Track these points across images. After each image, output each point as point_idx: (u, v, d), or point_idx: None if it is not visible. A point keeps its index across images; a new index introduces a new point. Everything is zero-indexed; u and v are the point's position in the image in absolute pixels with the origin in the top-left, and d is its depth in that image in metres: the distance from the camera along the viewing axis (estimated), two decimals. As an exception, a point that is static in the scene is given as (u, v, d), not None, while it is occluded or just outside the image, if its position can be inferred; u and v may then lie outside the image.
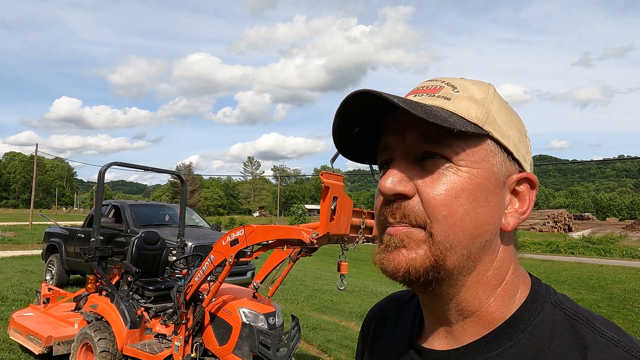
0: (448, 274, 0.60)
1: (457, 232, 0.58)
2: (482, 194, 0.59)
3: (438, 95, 0.63)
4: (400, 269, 0.59)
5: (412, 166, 0.61)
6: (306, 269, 15.01)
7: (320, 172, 3.07)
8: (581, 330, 0.57)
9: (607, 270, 16.90)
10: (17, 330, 5.59)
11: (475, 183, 0.59)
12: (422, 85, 0.67)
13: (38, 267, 12.17)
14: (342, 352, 6.17)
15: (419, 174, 0.60)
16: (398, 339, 0.75)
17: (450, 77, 0.67)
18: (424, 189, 0.59)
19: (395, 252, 0.60)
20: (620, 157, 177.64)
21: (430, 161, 0.60)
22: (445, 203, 0.58)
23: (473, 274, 0.61)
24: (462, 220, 0.58)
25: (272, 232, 3.52)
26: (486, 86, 0.66)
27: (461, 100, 0.62)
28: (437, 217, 0.58)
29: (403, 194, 0.60)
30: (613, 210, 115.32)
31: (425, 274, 0.59)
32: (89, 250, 4.96)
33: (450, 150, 0.59)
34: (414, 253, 0.59)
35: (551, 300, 0.62)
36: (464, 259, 0.59)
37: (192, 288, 4.03)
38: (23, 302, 7.92)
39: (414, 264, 0.59)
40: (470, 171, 0.59)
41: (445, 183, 0.59)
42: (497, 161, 0.61)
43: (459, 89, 0.63)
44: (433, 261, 0.58)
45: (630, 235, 32.78)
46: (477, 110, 0.61)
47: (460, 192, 0.58)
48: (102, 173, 5.20)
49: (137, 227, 8.61)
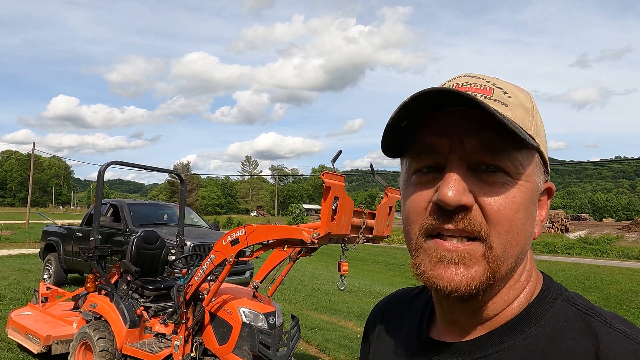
0: (495, 285, 0.60)
1: (513, 245, 0.59)
2: (531, 207, 0.61)
3: (494, 98, 0.60)
4: (460, 288, 0.58)
5: (469, 175, 0.59)
6: (304, 268, 15.00)
7: (320, 171, 3.07)
8: (593, 324, 0.58)
9: (603, 271, 16.98)
10: (15, 329, 5.57)
11: (528, 197, 0.60)
12: (467, 82, 0.63)
13: (35, 266, 12.12)
14: (341, 352, 6.17)
15: (477, 185, 0.58)
16: (405, 334, 0.76)
17: (490, 76, 0.64)
18: (485, 202, 0.58)
19: (452, 269, 0.58)
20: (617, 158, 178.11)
21: (491, 175, 0.58)
22: (508, 218, 0.58)
23: (510, 280, 0.63)
24: (519, 234, 0.59)
25: (273, 232, 3.52)
26: (528, 93, 0.64)
27: (517, 108, 0.60)
28: (499, 230, 0.58)
29: (465, 206, 0.58)
30: (609, 211, 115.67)
31: (480, 289, 0.59)
32: (88, 249, 4.95)
33: (510, 164, 0.58)
34: (472, 271, 0.58)
35: (563, 296, 0.63)
36: (510, 269, 0.61)
37: (192, 287, 4.03)
38: (21, 301, 7.89)
39: (474, 281, 0.58)
40: (524, 185, 0.59)
41: (507, 197, 0.58)
42: (539, 173, 0.62)
43: (509, 93, 0.61)
44: (490, 276, 0.58)
45: (626, 235, 32.93)
46: (529, 121, 0.61)
47: (519, 206, 0.58)
48: (102, 172, 5.19)
49: (136, 226, 8.59)
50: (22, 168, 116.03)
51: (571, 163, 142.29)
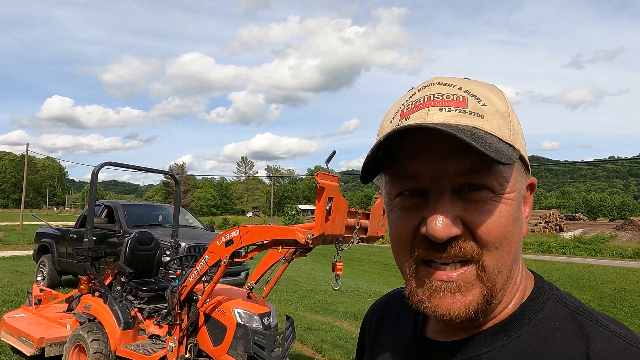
0: (495, 297, 0.60)
1: (505, 257, 0.59)
2: (518, 215, 0.60)
3: (469, 111, 0.57)
4: (460, 316, 0.58)
5: (454, 200, 0.58)
6: (300, 269, 15.00)
7: (315, 172, 3.08)
8: (584, 323, 0.59)
9: (597, 270, 17.08)
10: (8, 332, 5.53)
11: (514, 207, 0.59)
12: (439, 93, 0.59)
13: (29, 268, 12.04)
14: (336, 352, 6.17)
15: (464, 208, 0.58)
16: (401, 333, 0.77)
17: (458, 79, 0.62)
18: (474, 224, 0.57)
19: (449, 298, 0.58)
20: (610, 158, 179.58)
21: (474, 194, 0.57)
22: (498, 235, 0.58)
23: (509, 287, 0.63)
24: (510, 246, 0.59)
25: (267, 233, 3.52)
26: (501, 93, 0.62)
27: (493, 117, 0.58)
28: (490, 249, 0.58)
29: (456, 236, 0.57)
30: (603, 211, 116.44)
31: (480, 310, 0.59)
32: (81, 250, 4.92)
33: (494, 181, 0.57)
34: (470, 295, 0.58)
35: (555, 296, 0.64)
36: (507, 278, 0.61)
37: (186, 288, 4.02)
38: (14, 303, 7.83)
39: (472, 306, 0.58)
40: (510, 196, 0.59)
41: (494, 214, 0.57)
42: (521, 177, 0.62)
43: (483, 100, 0.59)
44: (487, 294, 0.59)
45: (620, 235, 33.14)
46: (507, 128, 0.59)
47: (507, 219, 0.58)
48: (96, 173, 5.17)
49: (130, 228, 8.55)
50: (16, 169, 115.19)
51: (565, 163, 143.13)
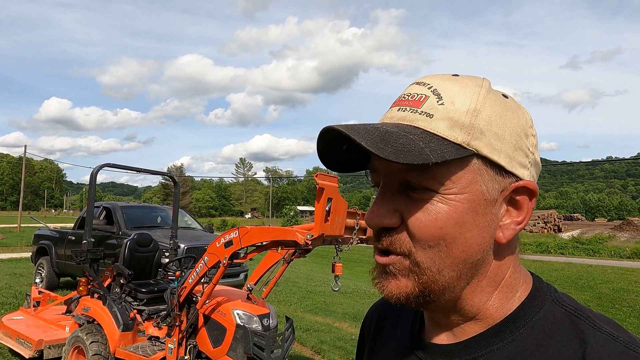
0: (440, 293, 0.61)
1: (443, 258, 0.58)
2: (470, 218, 0.58)
3: (421, 111, 0.59)
4: (392, 296, 0.61)
5: (397, 195, 0.60)
6: (299, 270, 14.99)
7: (315, 173, 3.08)
8: (581, 326, 0.58)
9: (596, 270, 17.11)
10: (6, 334, 5.52)
11: (462, 209, 0.58)
12: (408, 93, 0.63)
13: (27, 270, 12.01)
14: (336, 353, 6.17)
15: (405, 203, 0.60)
16: (399, 334, 0.77)
17: (441, 77, 0.62)
18: (409, 220, 0.59)
19: (386, 280, 0.62)
20: (608, 158, 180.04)
21: (416, 192, 0.59)
22: (431, 234, 0.58)
23: (467, 287, 0.62)
24: (449, 247, 0.58)
25: (267, 234, 3.53)
26: (477, 89, 0.60)
27: (443, 117, 0.58)
28: (423, 246, 0.58)
29: (389, 226, 0.60)
30: (602, 211, 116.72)
31: (416, 298, 0.61)
32: (80, 252, 4.91)
33: (434, 181, 0.57)
34: (402, 281, 0.60)
35: (552, 298, 0.63)
36: (455, 279, 0.60)
37: (185, 290, 4.02)
38: (12, 305, 7.81)
39: (405, 291, 0.60)
40: (457, 197, 0.58)
41: (431, 214, 0.58)
42: (486, 179, 0.59)
43: (444, 99, 0.59)
44: (422, 287, 0.60)
45: (618, 235, 33.23)
46: (461, 127, 0.57)
47: (446, 221, 0.57)
48: (94, 175, 5.16)
49: (129, 229, 8.54)
50: (14, 171, 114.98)
51: (563, 163, 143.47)
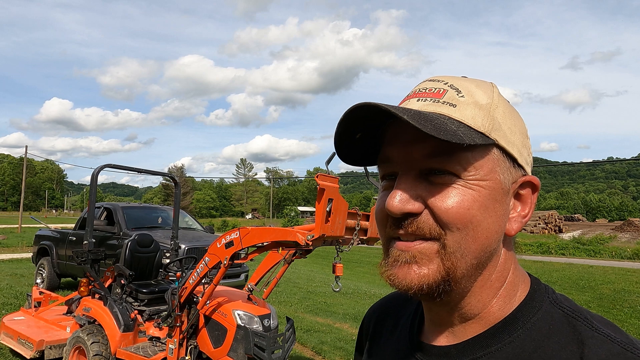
0: (457, 283, 0.60)
1: (469, 242, 0.59)
2: (491, 205, 0.60)
3: (443, 101, 0.61)
4: (413, 286, 0.59)
5: (418, 181, 0.60)
6: (299, 271, 14.99)
7: (315, 174, 3.08)
8: (578, 327, 0.59)
9: (597, 271, 17.08)
10: (7, 335, 5.52)
11: (484, 195, 0.59)
12: (424, 87, 0.64)
13: (28, 271, 12.02)
14: (337, 354, 6.17)
15: (427, 189, 0.60)
16: (398, 336, 0.77)
17: (452, 77, 0.65)
18: (434, 204, 0.59)
19: (405, 268, 0.60)
20: (609, 159, 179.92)
21: (439, 177, 0.60)
22: (459, 215, 0.58)
23: (479, 279, 0.63)
24: (475, 231, 0.59)
25: (268, 234, 3.53)
26: (490, 88, 0.64)
27: (467, 107, 0.61)
28: (451, 229, 0.58)
29: (412, 212, 0.59)
30: (602, 212, 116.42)
31: (437, 287, 0.60)
32: (81, 253, 4.92)
33: (459, 166, 0.59)
34: (425, 269, 0.59)
35: (550, 299, 0.64)
36: (473, 267, 0.61)
37: (186, 290, 4.02)
38: (13, 306, 7.82)
39: (427, 279, 0.59)
40: (480, 183, 0.59)
41: (456, 196, 0.59)
42: (503, 169, 0.62)
43: (463, 93, 0.62)
44: (444, 274, 0.59)
45: (619, 236, 33.12)
46: (483, 117, 0.60)
47: (472, 203, 0.59)
48: (95, 175, 5.16)
49: (130, 230, 8.55)
50: (15, 172, 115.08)
51: (564, 164, 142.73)
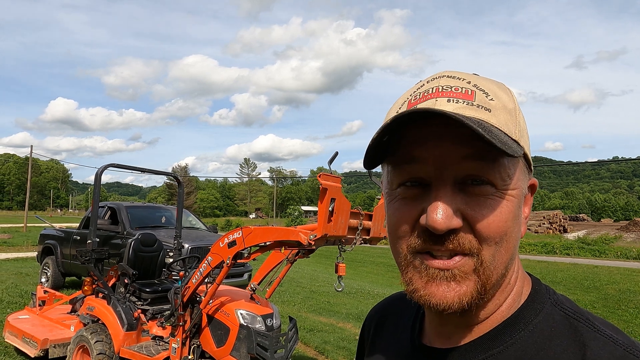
0: (488, 292, 0.60)
1: (502, 254, 0.58)
2: (518, 213, 0.60)
3: (477, 104, 0.57)
4: (453, 306, 0.57)
5: (455, 192, 0.57)
6: (302, 270, 14.99)
7: (318, 173, 3.08)
8: (580, 329, 0.58)
9: (602, 271, 17.00)
10: (12, 333, 5.55)
11: (515, 204, 0.59)
12: (447, 85, 0.60)
13: (33, 270, 12.09)
14: (340, 354, 6.17)
15: (465, 202, 0.57)
16: (399, 337, 0.76)
17: (468, 74, 0.62)
18: (474, 218, 0.57)
19: (444, 286, 0.58)
20: (614, 158, 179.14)
21: (477, 188, 0.57)
22: (497, 230, 0.57)
23: (502, 285, 0.62)
24: (507, 242, 0.59)
25: (270, 234, 3.53)
26: (508, 90, 0.62)
27: (500, 112, 0.58)
28: (489, 243, 0.57)
29: (455, 228, 0.57)
30: (608, 212, 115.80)
31: (473, 303, 0.58)
32: (85, 252, 4.94)
33: (497, 176, 0.57)
34: (464, 286, 0.58)
35: (551, 300, 0.63)
36: (501, 276, 0.60)
37: (189, 290, 4.03)
38: (18, 304, 7.87)
39: (467, 297, 0.58)
40: (512, 193, 0.58)
41: (495, 209, 0.57)
42: (524, 177, 0.61)
43: (491, 95, 0.59)
44: (480, 288, 0.58)
45: (624, 236, 32.95)
46: (513, 124, 0.58)
47: (508, 215, 0.58)
48: (99, 175, 5.18)
49: (134, 229, 8.58)
50: (20, 171, 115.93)
51: (569, 164, 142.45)
